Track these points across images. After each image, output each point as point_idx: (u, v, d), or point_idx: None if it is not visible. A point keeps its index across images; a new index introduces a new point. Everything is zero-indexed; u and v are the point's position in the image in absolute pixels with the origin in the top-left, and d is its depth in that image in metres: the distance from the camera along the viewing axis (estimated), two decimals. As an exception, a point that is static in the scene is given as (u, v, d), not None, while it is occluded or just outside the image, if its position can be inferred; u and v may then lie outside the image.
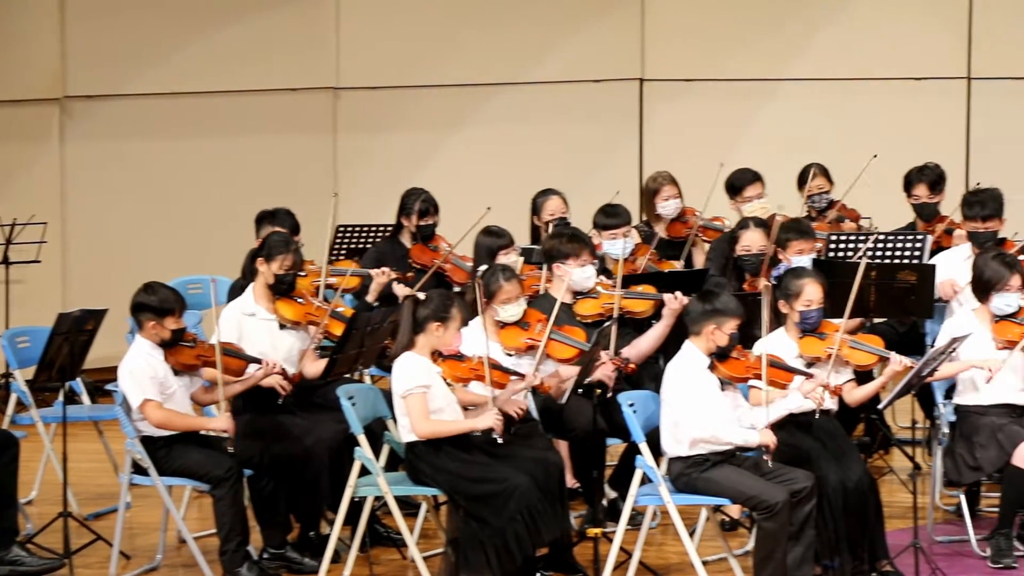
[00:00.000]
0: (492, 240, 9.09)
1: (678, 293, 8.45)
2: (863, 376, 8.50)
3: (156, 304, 7.99)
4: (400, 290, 9.32)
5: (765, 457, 7.51)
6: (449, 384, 7.76)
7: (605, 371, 8.19)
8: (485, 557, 7.52)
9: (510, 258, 9.00)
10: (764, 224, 9.20)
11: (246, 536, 8.02)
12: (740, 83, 14.39)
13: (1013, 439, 8.03)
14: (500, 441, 7.64)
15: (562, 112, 14.31)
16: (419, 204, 9.81)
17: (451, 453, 7.65)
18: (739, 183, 10.11)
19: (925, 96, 14.38)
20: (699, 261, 9.98)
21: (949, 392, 8.48)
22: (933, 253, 9.47)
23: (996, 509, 8.34)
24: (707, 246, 9.99)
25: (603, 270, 9.05)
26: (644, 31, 14.35)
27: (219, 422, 8.06)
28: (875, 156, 10.91)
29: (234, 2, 13.63)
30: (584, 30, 14.32)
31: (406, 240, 9.86)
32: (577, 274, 8.58)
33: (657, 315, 8.68)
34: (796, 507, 7.43)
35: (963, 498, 8.47)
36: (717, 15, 14.38)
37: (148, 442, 7.98)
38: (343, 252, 10.27)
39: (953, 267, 9.10)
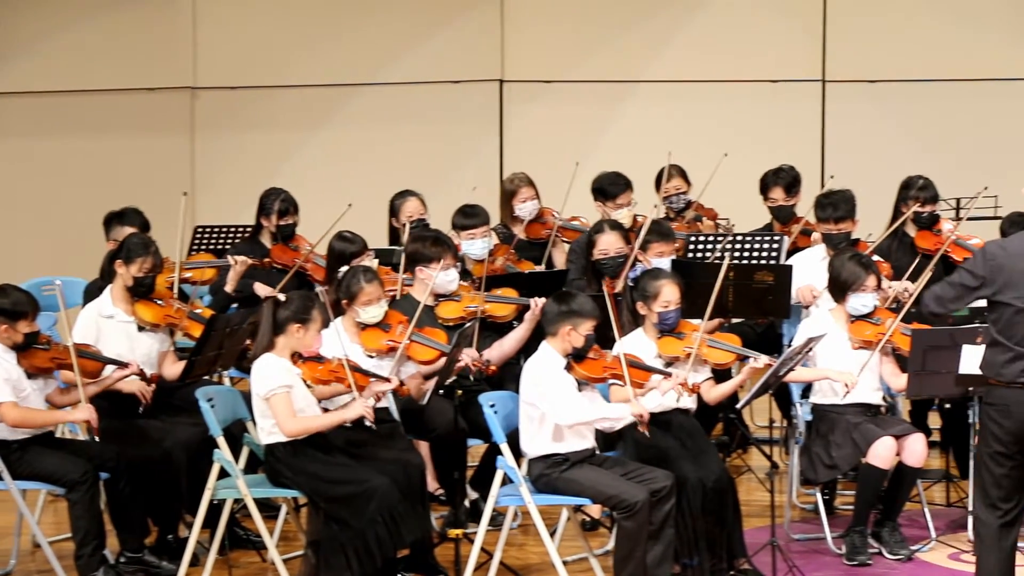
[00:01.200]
0: (344, 246, 9.03)
1: (541, 299, 8.45)
2: (721, 375, 8.58)
3: (8, 307, 7.85)
4: (261, 290, 9.24)
5: (640, 428, 7.50)
6: (309, 386, 7.71)
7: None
8: (345, 559, 7.47)
9: (364, 263, 8.95)
10: (619, 227, 9.23)
11: (102, 540, 7.90)
12: (598, 84, 14.48)
13: (868, 437, 8.14)
14: (374, 428, 7.62)
15: (422, 113, 14.32)
16: (278, 204, 9.74)
17: (311, 455, 7.59)
18: (613, 190, 10.06)
19: (781, 98, 14.57)
20: (559, 261, 9.99)
21: (806, 391, 8.59)
22: (790, 254, 9.58)
23: (851, 507, 8.45)
24: (567, 246, 10.01)
25: (463, 271, 9.04)
26: (504, 33, 14.38)
27: (80, 412, 7.92)
28: (726, 155, 11.02)
29: (90, 0, 13.46)
30: (444, 31, 14.34)
31: (266, 240, 9.79)
32: (440, 278, 8.56)
33: (520, 318, 8.69)
34: (656, 506, 7.47)
35: (819, 496, 8.58)
36: (575, 17, 14.47)
37: (1, 446, 7.84)
38: (201, 252, 10.17)
39: (809, 268, 9.19)
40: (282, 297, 7.80)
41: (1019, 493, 6.58)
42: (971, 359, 7.70)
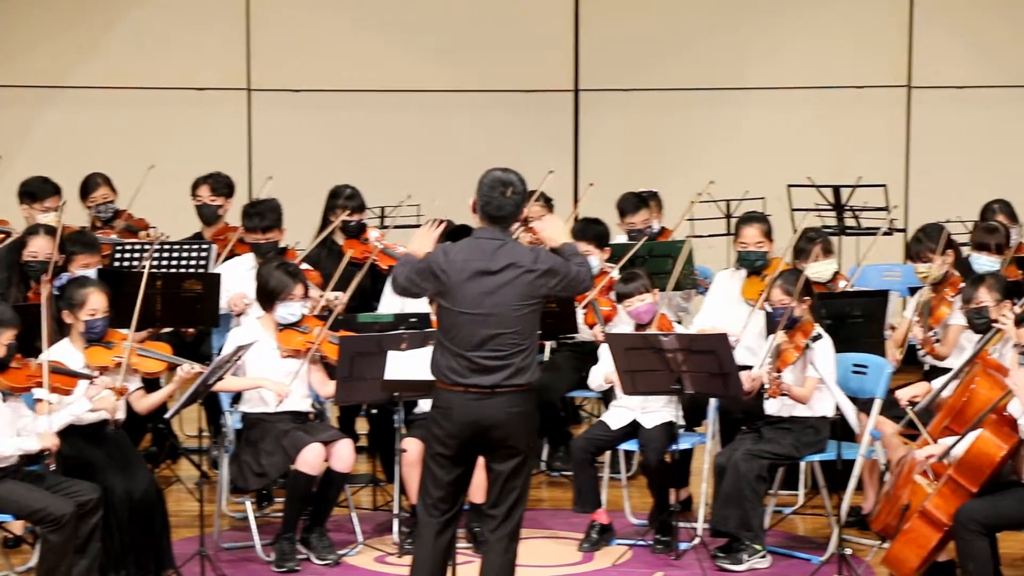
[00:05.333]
0: None
1: None
2: (152, 384, 8.48)
3: None
4: None
5: (47, 461, 7.34)
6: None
7: None
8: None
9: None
10: (54, 231, 9.00)
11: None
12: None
13: (297, 444, 8.20)
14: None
15: None
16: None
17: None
18: (39, 193, 9.82)
19: (207, 106, 14.60)
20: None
21: (236, 400, 8.58)
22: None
23: (282, 515, 8.51)
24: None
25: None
26: None
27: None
28: (152, 166, 10.93)
29: None
30: None
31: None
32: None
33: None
34: (82, 519, 7.29)
35: (249, 505, 8.59)
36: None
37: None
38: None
39: (239, 276, 9.21)
40: None
41: (459, 496, 6.78)
42: (397, 364, 7.92)
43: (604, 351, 8.75)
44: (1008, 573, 7.47)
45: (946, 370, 8.17)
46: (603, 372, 8.76)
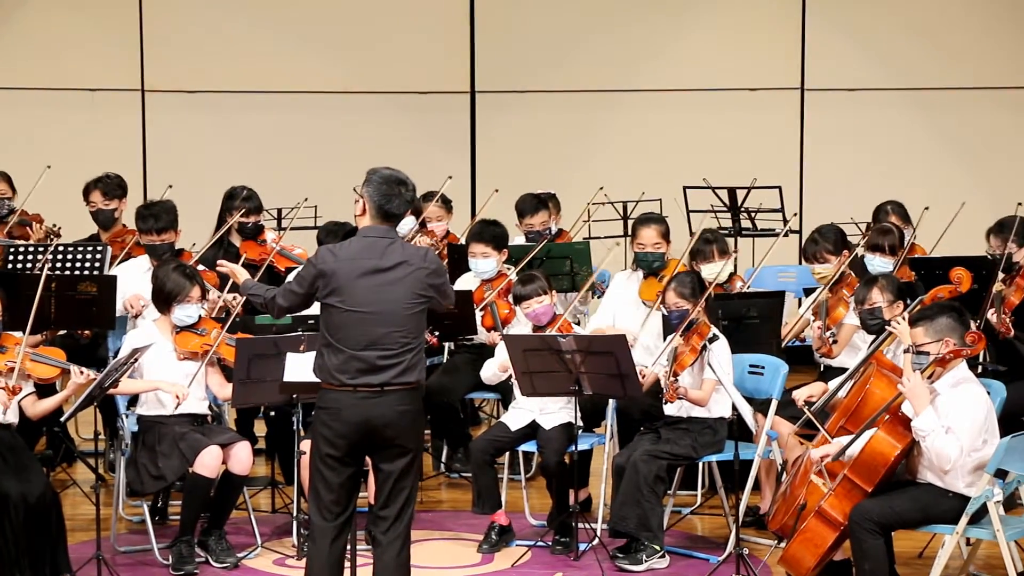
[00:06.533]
0: None
1: None
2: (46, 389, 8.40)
3: None
4: None
5: None
6: None
7: None
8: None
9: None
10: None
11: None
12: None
13: (194, 447, 8.15)
14: None
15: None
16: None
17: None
18: None
19: (100, 107, 14.47)
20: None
21: (132, 402, 8.51)
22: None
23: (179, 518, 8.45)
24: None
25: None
26: None
27: None
28: (49, 167, 10.82)
29: None
30: None
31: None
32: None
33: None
34: (-28, 526, 7.23)
35: (147, 508, 8.52)
36: None
37: None
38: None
39: (136, 278, 9.15)
40: None
41: (352, 498, 6.77)
42: (295, 366, 7.89)
43: (500, 349, 8.77)
44: (903, 571, 7.57)
45: (842, 370, 8.26)
46: (498, 361, 8.78)
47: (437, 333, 9.33)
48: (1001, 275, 8.81)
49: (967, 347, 7.22)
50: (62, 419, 8.38)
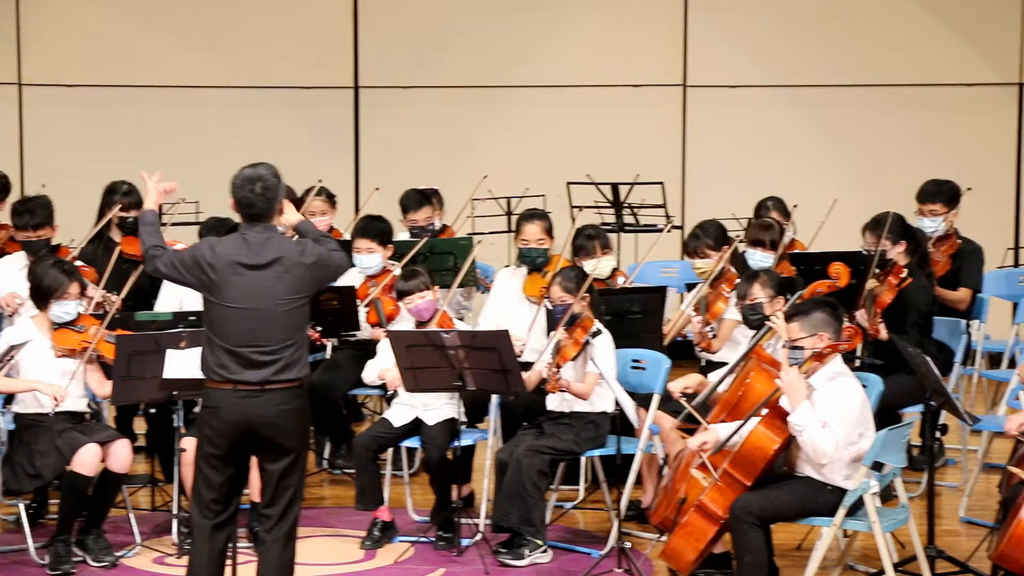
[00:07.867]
0: None
1: None
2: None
3: None
4: None
5: None
6: None
7: None
8: None
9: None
10: None
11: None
12: None
13: (72, 445, 8.06)
14: None
15: None
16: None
17: None
18: None
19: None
20: None
21: (8, 400, 8.40)
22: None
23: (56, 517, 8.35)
24: None
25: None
26: None
27: None
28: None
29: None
30: None
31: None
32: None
33: None
34: None
35: (22, 507, 8.40)
36: None
37: None
38: None
39: (10, 275, 9.04)
40: None
41: (233, 497, 6.72)
42: (175, 363, 7.82)
43: (383, 346, 8.75)
44: (781, 563, 7.64)
45: (723, 364, 8.32)
46: (378, 368, 8.77)
47: (320, 329, 9.30)
48: (875, 271, 8.91)
49: (843, 342, 7.30)
50: (-64, 418, 8.26)
